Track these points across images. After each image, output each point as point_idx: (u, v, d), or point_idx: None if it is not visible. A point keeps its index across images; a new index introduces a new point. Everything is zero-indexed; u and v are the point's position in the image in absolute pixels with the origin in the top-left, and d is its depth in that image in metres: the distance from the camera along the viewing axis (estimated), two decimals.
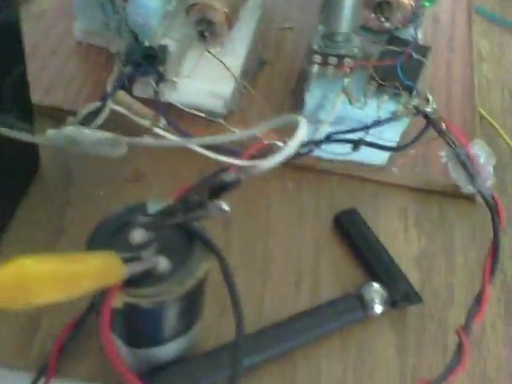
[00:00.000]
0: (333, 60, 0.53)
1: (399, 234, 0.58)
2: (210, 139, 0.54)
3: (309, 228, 0.58)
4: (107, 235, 0.41)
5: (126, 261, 0.38)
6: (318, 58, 0.54)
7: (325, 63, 0.54)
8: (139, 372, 0.46)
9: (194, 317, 0.45)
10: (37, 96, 0.64)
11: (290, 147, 0.36)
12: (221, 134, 0.57)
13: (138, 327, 0.43)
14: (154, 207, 0.42)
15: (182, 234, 0.41)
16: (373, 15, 0.56)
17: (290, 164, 0.61)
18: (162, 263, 0.40)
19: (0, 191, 0.54)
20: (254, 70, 0.68)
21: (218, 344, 0.48)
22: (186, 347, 0.46)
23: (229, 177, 0.37)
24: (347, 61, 0.53)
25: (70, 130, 0.52)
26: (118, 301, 0.38)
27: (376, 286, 0.51)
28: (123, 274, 0.37)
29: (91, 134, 0.51)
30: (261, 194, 0.60)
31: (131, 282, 0.38)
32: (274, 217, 0.58)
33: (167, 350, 0.45)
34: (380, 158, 0.59)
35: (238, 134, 0.40)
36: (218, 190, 0.37)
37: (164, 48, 0.60)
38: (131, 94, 0.62)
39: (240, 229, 0.57)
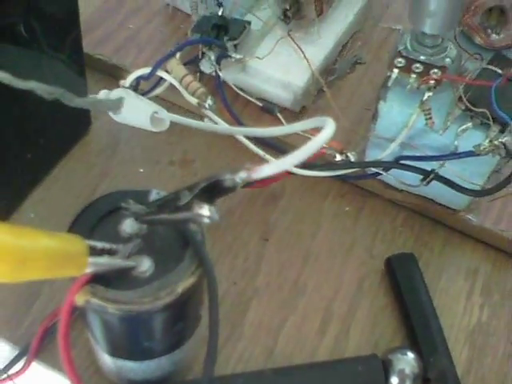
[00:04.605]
0: (418, 67, 0.44)
1: (460, 299, 0.48)
2: (234, 129, 0.48)
3: (355, 264, 0.50)
4: (96, 218, 0.36)
5: (96, 253, 0.33)
6: (400, 62, 0.44)
7: (408, 69, 0.44)
8: None
9: (180, 335, 0.39)
10: (107, 52, 0.60)
11: (304, 151, 0.29)
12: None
13: (112, 333, 0.37)
14: (155, 198, 0.36)
15: (179, 239, 0.36)
16: (480, 24, 0.46)
17: (352, 184, 0.53)
18: (144, 265, 0.34)
19: (44, 143, 0.51)
20: (343, 69, 0.60)
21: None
22: (171, 368, 0.41)
23: (224, 177, 0.31)
24: (434, 71, 0.43)
25: (119, 92, 0.48)
26: (80, 298, 0.33)
27: (411, 355, 0.43)
28: (85, 266, 0.32)
29: (136, 101, 0.47)
30: (311, 210, 0.52)
31: (102, 279, 0.33)
32: (319, 241, 0.51)
33: (148, 367, 0.39)
34: (459, 200, 0.49)
35: (259, 131, 0.34)
36: (214, 191, 0.32)
37: (240, 23, 0.53)
38: (199, 71, 0.56)
39: (278, 245, 0.50)
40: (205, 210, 0.31)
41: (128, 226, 0.35)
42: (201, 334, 0.40)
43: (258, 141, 0.53)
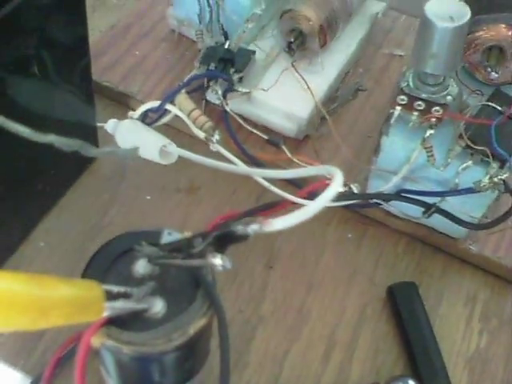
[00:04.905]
0: (420, 105, 0.45)
1: (459, 325, 0.50)
2: (240, 169, 0.50)
3: (358, 291, 0.51)
4: (109, 260, 0.37)
5: (112, 296, 0.34)
6: (403, 99, 0.45)
7: (410, 107, 0.45)
8: None
9: (191, 370, 0.40)
10: (114, 79, 0.62)
11: (315, 206, 0.31)
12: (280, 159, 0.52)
13: (124, 370, 0.38)
14: (167, 238, 0.38)
15: (190, 279, 0.37)
16: (480, 62, 0.47)
17: (355, 211, 0.55)
18: (157, 306, 0.35)
19: (54, 173, 0.52)
20: (346, 96, 0.61)
21: None
22: None
23: (237, 228, 0.32)
24: (436, 109, 0.44)
25: (128, 123, 0.49)
26: (96, 340, 0.34)
27: (412, 383, 0.44)
28: (102, 311, 0.33)
29: (145, 133, 0.48)
30: (315, 237, 0.54)
31: (116, 320, 0.34)
32: (322, 268, 0.52)
33: None
34: (459, 230, 0.50)
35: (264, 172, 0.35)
36: (226, 240, 0.33)
37: (246, 54, 0.55)
38: (205, 99, 0.58)
39: (282, 272, 0.52)
40: (218, 260, 0.33)
41: (141, 266, 0.37)
42: (209, 366, 0.41)
43: None
